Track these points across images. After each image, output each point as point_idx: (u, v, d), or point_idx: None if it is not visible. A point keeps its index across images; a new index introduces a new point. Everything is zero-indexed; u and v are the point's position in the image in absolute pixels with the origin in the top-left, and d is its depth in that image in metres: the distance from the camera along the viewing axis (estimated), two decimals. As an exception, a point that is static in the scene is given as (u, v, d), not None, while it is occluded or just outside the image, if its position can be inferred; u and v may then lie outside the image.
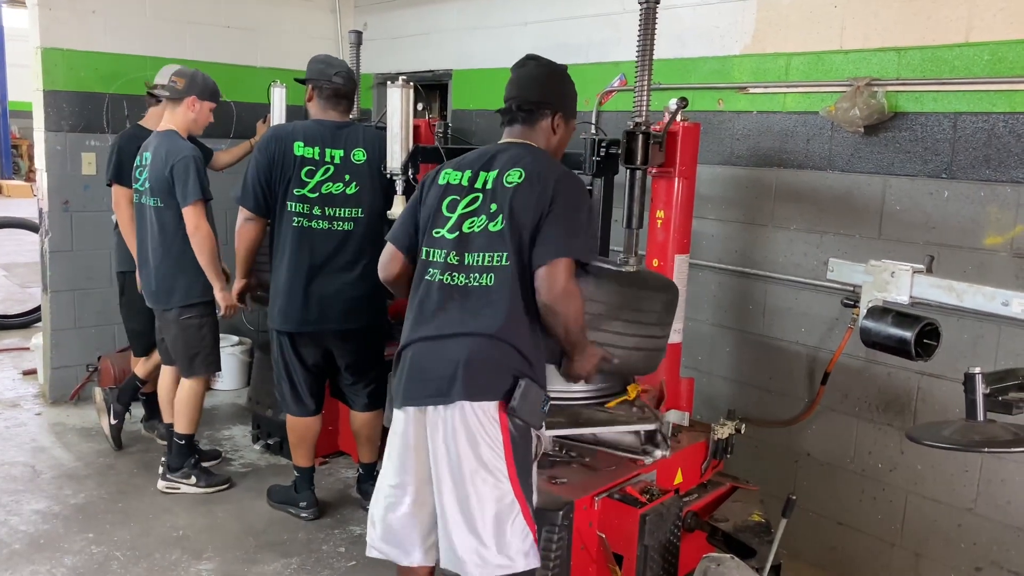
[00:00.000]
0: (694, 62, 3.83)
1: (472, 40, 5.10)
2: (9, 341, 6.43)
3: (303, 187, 3.49)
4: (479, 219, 2.37)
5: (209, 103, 3.95)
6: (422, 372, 2.34)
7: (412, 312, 2.44)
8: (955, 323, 2.96)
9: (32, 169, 16.58)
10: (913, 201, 3.17)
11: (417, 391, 2.35)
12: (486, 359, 2.29)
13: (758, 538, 2.91)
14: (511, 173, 2.37)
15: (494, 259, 2.32)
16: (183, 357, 3.95)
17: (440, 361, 2.31)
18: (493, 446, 2.28)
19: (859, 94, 3.16)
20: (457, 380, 2.26)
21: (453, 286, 2.36)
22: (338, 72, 3.63)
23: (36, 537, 3.57)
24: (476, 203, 2.39)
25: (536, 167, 2.38)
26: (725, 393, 3.86)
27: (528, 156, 2.43)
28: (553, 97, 2.55)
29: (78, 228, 5.00)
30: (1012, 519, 2.98)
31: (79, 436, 4.67)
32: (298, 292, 3.53)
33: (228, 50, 5.43)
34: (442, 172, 2.50)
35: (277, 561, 3.46)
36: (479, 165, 2.45)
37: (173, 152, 3.74)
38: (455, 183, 2.44)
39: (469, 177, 2.43)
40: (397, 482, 2.45)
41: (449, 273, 2.37)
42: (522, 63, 2.61)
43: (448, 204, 2.43)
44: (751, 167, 3.68)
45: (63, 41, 4.83)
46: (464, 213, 2.40)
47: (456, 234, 2.38)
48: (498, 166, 2.41)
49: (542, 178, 2.35)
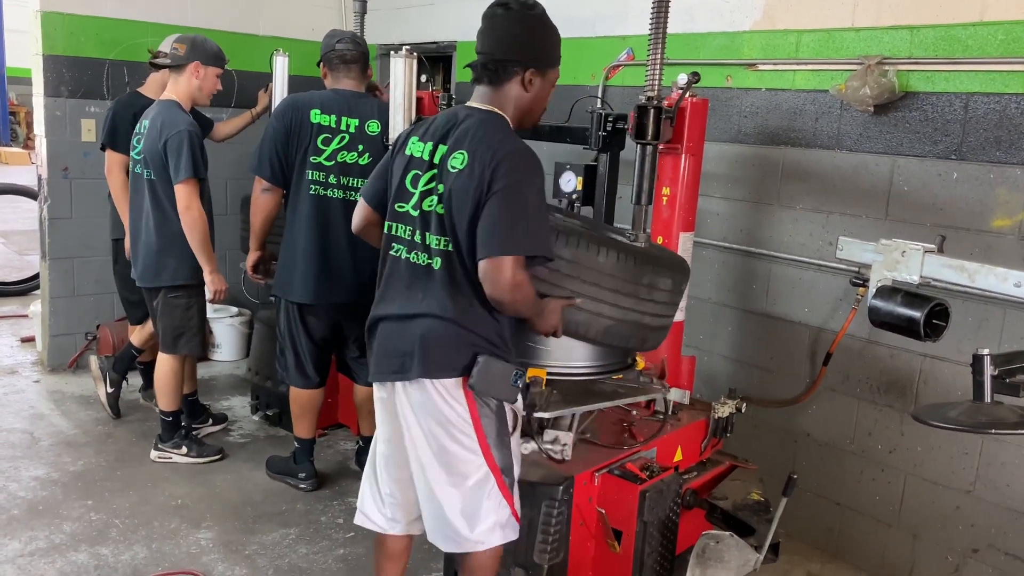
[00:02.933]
0: (703, 37, 3.79)
1: (476, 11, 4.97)
2: (7, 308, 6.41)
3: (319, 155, 3.48)
4: (433, 199, 2.25)
5: (215, 68, 3.83)
6: (387, 349, 2.33)
7: (380, 286, 2.40)
8: (960, 305, 2.95)
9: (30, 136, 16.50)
10: (921, 182, 3.14)
11: (383, 366, 2.34)
12: (441, 336, 2.23)
13: (757, 516, 2.91)
14: (455, 156, 2.21)
15: (441, 243, 2.23)
16: (168, 335, 3.91)
17: (402, 339, 2.28)
18: (460, 422, 2.26)
19: (870, 72, 3.12)
20: (415, 357, 2.24)
21: (418, 265, 2.28)
22: (340, 39, 3.60)
23: (35, 503, 3.57)
24: (433, 181, 2.26)
25: (482, 149, 2.18)
26: (726, 372, 3.86)
27: (480, 131, 2.22)
28: (524, 51, 2.29)
29: (77, 195, 4.96)
30: (1011, 501, 2.99)
31: (78, 404, 4.66)
32: (312, 263, 3.52)
33: (230, 18, 5.37)
34: (410, 139, 2.36)
35: (276, 531, 3.46)
36: (439, 136, 2.29)
37: (169, 125, 3.65)
38: (418, 156, 2.31)
39: (430, 150, 2.28)
40: (387, 452, 2.47)
41: (415, 252, 2.29)
42: (491, 11, 2.32)
43: (411, 179, 2.31)
44: (758, 145, 3.65)
45: (63, 5, 4.76)
46: (425, 190, 2.27)
47: (418, 212, 2.28)
48: (451, 141, 2.25)
49: (483, 162, 2.16)
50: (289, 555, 3.30)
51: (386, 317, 2.35)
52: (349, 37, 3.64)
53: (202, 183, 3.75)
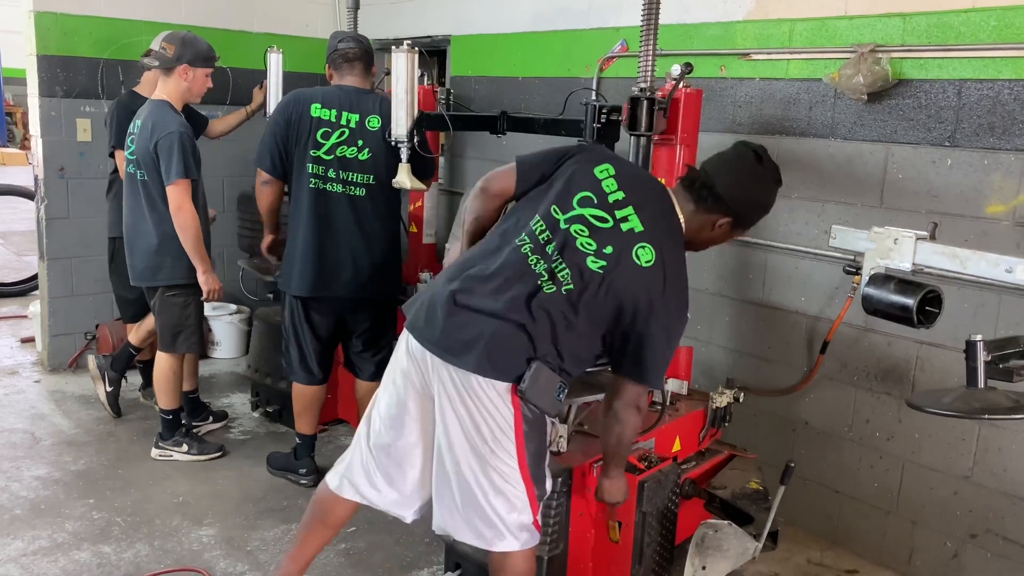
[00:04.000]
0: (697, 28, 3.78)
1: (471, 5, 5.04)
2: (7, 309, 6.42)
3: (319, 148, 3.50)
4: (592, 245, 2.22)
5: (203, 69, 3.80)
6: (450, 326, 2.23)
7: (483, 262, 2.29)
8: (955, 292, 2.95)
9: (27, 136, 16.45)
10: (916, 170, 3.14)
11: (440, 340, 2.24)
12: (510, 340, 2.19)
13: (755, 505, 2.93)
14: (643, 248, 2.20)
15: (568, 285, 2.19)
16: (166, 333, 3.92)
17: (469, 326, 2.20)
18: (504, 425, 2.22)
19: (863, 61, 3.12)
20: (475, 351, 2.18)
21: (535, 274, 2.22)
22: (343, 39, 3.64)
23: (37, 503, 3.59)
24: (602, 228, 2.23)
25: (670, 269, 2.22)
26: (724, 362, 3.87)
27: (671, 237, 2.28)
28: (739, 204, 2.34)
29: (74, 195, 4.96)
30: (1008, 487, 3.00)
31: (78, 403, 4.68)
32: (311, 256, 3.54)
33: (224, 15, 5.36)
34: (602, 166, 2.31)
35: (277, 527, 3.48)
36: (633, 196, 2.26)
37: (160, 126, 3.65)
38: (606, 192, 2.27)
39: (618, 199, 2.25)
40: (397, 415, 2.42)
41: (537, 257, 2.23)
42: (748, 155, 2.38)
43: (581, 199, 2.27)
44: (753, 135, 3.64)
45: (56, 5, 4.75)
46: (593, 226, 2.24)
47: (563, 238, 2.23)
48: (641, 215, 2.23)
49: (664, 277, 2.20)
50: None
51: (461, 299, 2.23)
52: (351, 36, 3.68)
53: (195, 183, 3.75)
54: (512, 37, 4.77)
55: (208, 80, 3.86)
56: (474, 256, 2.33)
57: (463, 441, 2.25)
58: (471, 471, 2.26)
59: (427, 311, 2.29)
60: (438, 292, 2.29)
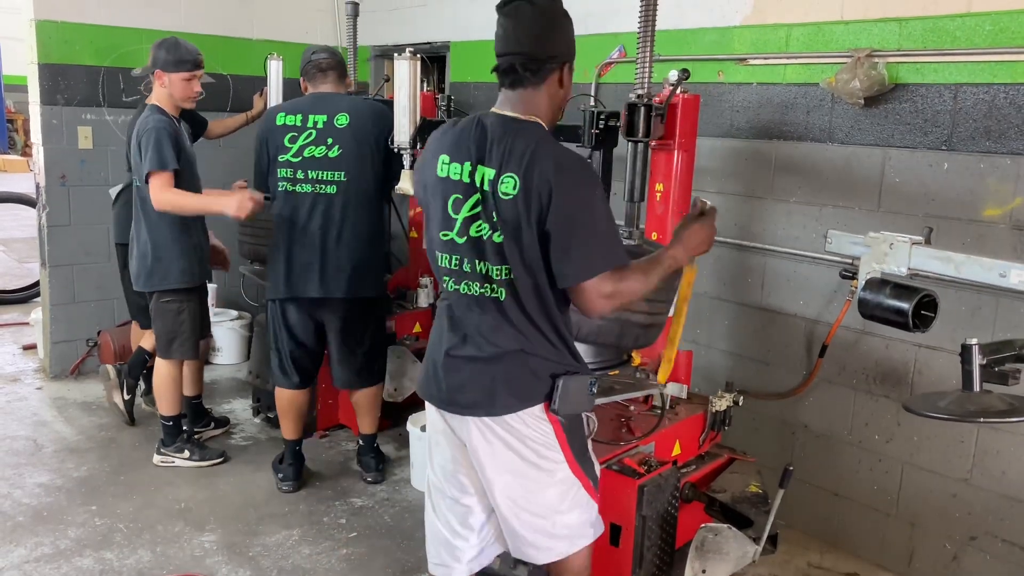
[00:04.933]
0: (694, 33, 3.80)
1: (470, 11, 5.06)
2: (8, 316, 6.44)
3: (287, 152, 3.56)
4: (484, 227, 2.11)
5: (177, 74, 3.74)
6: (459, 383, 2.22)
7: (438, 317, 2.31)
8: (953, 295, 2.97)
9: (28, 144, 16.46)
10: (912, 173, 3.16)
11: (458, 400, 2.23)
12: (522, 371, 2.16)
13: (755, 509, 2.94)
14: (505, 181, 2.06)
15: (503, 272, 2.10)
16: (161, 339, 3.93)
17: (479, 374, 2.18)
18: (547, 442, 2.20)
19: (860, 65, 3.14)
20: (496, 394, 2.16)
21: (471, 296, 2.17)
22: (315, 51, 3.72)
23: (39, 510, 3.60)
24: (479, 206, 2.11)
25: (533, 171, 2.03)
26: (723, 365, 3.88)
27: (524, 149, 2.07)
28: (559, 45, 2.15)
29: (75, 202, 4.98)
30: (1006, 489, 3.01)
31: (80, 410, 4.69)
32: (283, 258, 3.60)
33: (224, 22, 5.38)
34: (439, 160, 2.18)
35: (278, 533, 3.49)
36: (475, 155, 2.12)
37: (141, 129, 3.66)
38: (456, 178, 2.14)
39: (468, 171, 2.12)
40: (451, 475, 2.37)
41: (465, 282, 2.17)
42: (514, 5, 2.13)
43: (453, 204, 2.15)
44: (751, 139, 3.66)
45: (57, 13, 4.78)
46: (470, 216, 2.13)
47: (465, 239, 2.14)
48: (494, 163, 2.09)
49: (539, 187, 2.02)
50: (292, 556, 3.33)
51: (453, 352, 2.21)
52: (322, 48, 3.76)
53: (191, 183, 3.74)
54: (511, 43, 4.78)
55: (191, 84, 3.79)
56: (440, 312, 2.32)
57: (511, 480, 2.22)
58: (528, 502, 2.24)
59: (432, 376, 2.29)
60: (435, 357, 2.28)
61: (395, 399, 4.21)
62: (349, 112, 3.56)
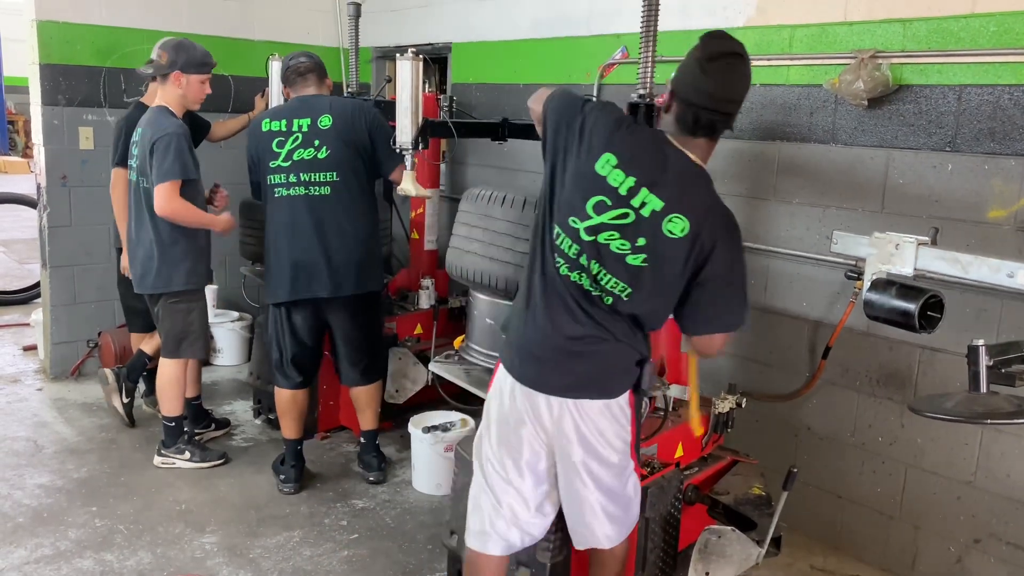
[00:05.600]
0: (697, 34, 3.76)
1: (472, 12, 5.05)
2: (9, 317, 6.43)
3: (277, 158, 3.61)
4: (620, 241, 2.13)
5: (197, 75, 3.80)
6: (556, 366, 2.26)
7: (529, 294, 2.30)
8: (958, 296, 2.96)
9: (29, 145, 16.48)
10: (916, 175, 3.15)
11: (552, 381, 2.27)
12: (620, 359, 2.28)
13: (758, 511, 2.93)
14: (673, 221, 2.08)
15: (620, 287, 2.15)
16: (170, 340, 3.93)
17: (576, 360, 2.25)
18: (626, 425, 2.33)
19: (863, 66, 3.13)
20: (596, 380, 2.27)
21: (581, 286, 2.20)
22: (293, 57, 3.77)
23: (39, 511, 3.59)
24: (622, 219, 2.12)
25: (707, 224, 2.10)
26: (726, 367, 3.86)
27: (698, 198, 2.13)
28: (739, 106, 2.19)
29: (76, 203, 4.97)
30: (1011, 491, 3.00)
31: (80, 411, 4.68)
32: (283, 262, 3.63)
33: (226, 23, 5.38)
34: (605, 156, 2.14)
35: (279, 535, 3.48)
36: (645, 177, 2.11)
37: (157, 130, 3.67)
38: (613, 184, 2.12)
39: (629, 187, 2.11)
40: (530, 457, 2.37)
41: (577, 272, 2.19)
42: (729, 60, 2.14)
43: (595, 204, 2.14)
44: (754, 140, 3.65)
45: (59, 14, 4.78)
46: (607, 223, 2.13)
47: (592, 239, 2.14)
48: (662, 193, 2.09)
49: (707, 239, 2.09)
50: (293, 558, 3.32)
51: (563, 334, 2.23)
52: (301, 53, 3.80)
53: (193, 186, 3.75)
54: (513, 44, 4.79)
55: (205, 86, 3.87)
56: (528, 293, 2.29)
57: (598, 466, 2.31)
58: (605, 479, 2.34)
59: (527, 356, 2.29)
60: (528, 337, 2.28)
61: (396, 400, 4.21)
62: (331, 113, 3.61)
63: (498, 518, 2.39)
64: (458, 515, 2.87)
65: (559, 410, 2.27)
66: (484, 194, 3.38)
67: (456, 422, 3.91)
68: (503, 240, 3.26)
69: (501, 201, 3.31)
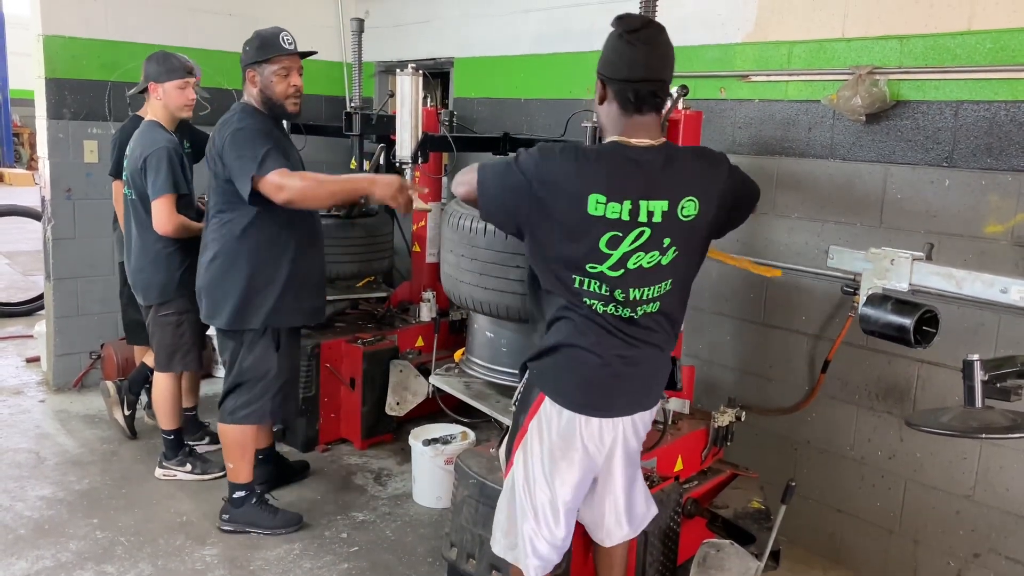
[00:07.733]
0: (696, 50, 3.83)
1: (474, 28, 5.10)
2: (12, 329, 6.45)
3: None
4: (654, 255, 2.16)
5: (172, 82, 3.78)
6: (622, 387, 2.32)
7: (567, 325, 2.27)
8: (955, 311, 2.97)
9: (34, 157, 16.58)
10: (914, 189, 3.17)
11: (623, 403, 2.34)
12: (666, 364, 2.41)
13: (758, 524, 2.93)
14: (686, 206, 2.14)
15: (662, 288, 2.21)
16: (161, 353, 3.95)
17: (635, 375, 2.33)
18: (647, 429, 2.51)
19: (861, 82, 3.16)
20: (653, 388, 2.41)
21: (621, 316, 2.21)
22: None
23: (41, 523, 3.60)
24: (641, 237, 2.13)
25: (711, 188, 2.20)
26: (725, 381, 3.87)
27: (692, 171, 2.19)
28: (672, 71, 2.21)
29: (80, 216, 5.01)
30: (1010, 505, 3.00)
31: (83, 423, 4.69)
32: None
33: (230, 37, 5.41)
34: (590, 198, 2.09)
35: (280, 547, 3.48)
36: (639, 193, 2.10)
37: (148, 144, 3.70)
38: (613, 217, 2.10)
39: (629, 210, 2.10)
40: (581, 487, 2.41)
41: (613, 305, 2.19)
42: (647, 32, 2.13)
43: (608, 241, 2.12)
44: (753, 155, 3.68)
45: (65, 28, 4.83)
46: (630, 250, 2.14)
47: (621, 272, 2.15)
48: (667, 194, 2.12)
49: (720, 198, 2.22)
50: (294, 570, 3.32)
51: (598, 361, 2.23)
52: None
53: (183, 199, 3.77)
54: (514, 59, 4.83)
55: (186, 92, 3.83)
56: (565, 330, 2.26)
57: (630, 467, 2.48)
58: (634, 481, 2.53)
59: (585, 386, 2.28)
60: (577, 371, 2.26)
61: (397, 413, 4.22)
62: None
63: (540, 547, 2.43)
64: (458, 528, 2.88)
65: (615, 429, 2.34)
66: (465, 224, 3.19)
67: (456, 435, 3.92)
68: (493, 270, 3.14)
69: (483, 232, 3.13)
